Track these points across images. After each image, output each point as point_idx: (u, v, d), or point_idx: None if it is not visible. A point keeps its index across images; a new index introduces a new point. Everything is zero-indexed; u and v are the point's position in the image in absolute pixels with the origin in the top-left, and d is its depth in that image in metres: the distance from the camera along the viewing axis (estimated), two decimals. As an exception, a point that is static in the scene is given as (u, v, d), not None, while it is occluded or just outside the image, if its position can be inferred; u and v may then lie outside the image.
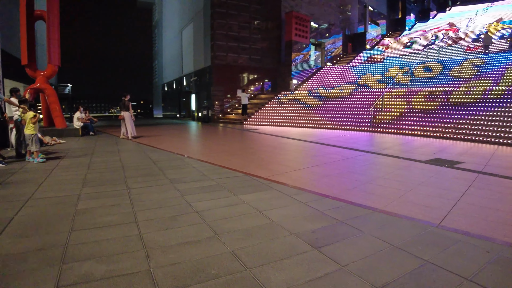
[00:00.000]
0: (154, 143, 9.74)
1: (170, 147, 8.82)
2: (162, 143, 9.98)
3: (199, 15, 22.03)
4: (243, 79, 21.59)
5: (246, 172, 5.59)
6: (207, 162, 6.44)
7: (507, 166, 7.25)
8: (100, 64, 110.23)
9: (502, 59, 16.69)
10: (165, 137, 12.44)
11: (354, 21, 30.18)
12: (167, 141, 10.76)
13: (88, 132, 12.28)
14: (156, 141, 10.78)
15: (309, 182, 5.14)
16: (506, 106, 11.90)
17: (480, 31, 24.74)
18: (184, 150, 8.36)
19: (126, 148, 8.68)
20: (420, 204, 4.15)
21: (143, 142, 9.88)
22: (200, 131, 15.57)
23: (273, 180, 5.08)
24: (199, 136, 12.90)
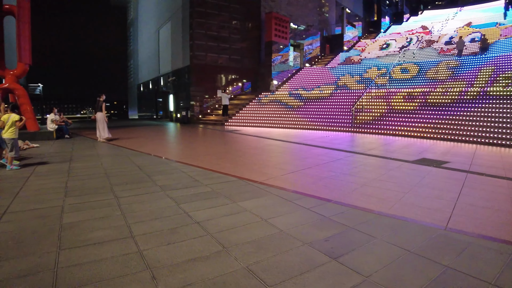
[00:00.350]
0: (135, 146, 9.26)
1: (153, 150, 8.39)
2: (144, 146, 9.52)
3: (178, 14, 21.45)
4: (223, 79, 21.26)
5: (239, 176, 5.35)
6: (196, 166, 6.13)
7: (490, 165, 7.46)
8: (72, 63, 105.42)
9: (474, 61, 17.45)
10: (146, 139, 11.92)
11: (332, 23, 30.62)
12: (149, 144, 10.29)
13: (63, 135, 11.51)
14: (137, 143, 10.27)
15: (306, 185, 4.97)
16: (481, 106, 12.39)
17: (452, 34, 25.83)
18: (169, 153, 7.98)
19: (107, 152, 8.16)
20: (422, 206, 4.10)
21: (123, 145, 9.35)
22: (181, 132, 15.10)
23: (270, 184, 4.88)
24: (181, 138, 12.47)
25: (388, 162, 7.28)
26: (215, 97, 20.93)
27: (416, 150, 9.30)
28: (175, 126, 18.63)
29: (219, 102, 20.78)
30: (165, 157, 7.25)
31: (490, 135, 10.78)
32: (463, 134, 11.34)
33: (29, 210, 3.54)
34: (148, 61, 29.34)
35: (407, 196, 4.53)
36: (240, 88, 22.52)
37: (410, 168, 6.64)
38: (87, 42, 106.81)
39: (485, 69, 16.05)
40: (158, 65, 25.72)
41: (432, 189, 5.00)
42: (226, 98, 19.20)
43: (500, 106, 11.97)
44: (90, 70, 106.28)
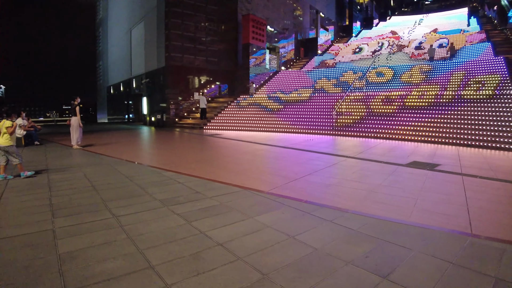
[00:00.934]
0: (115, 153, 8.56)
1: (137, 158, 7.78)
2: (125, 152, 8.85)
3: (152, 13, 20.58)
4: (200, 81, 20.69)
5: (242, 186, 4.99)
6: (192, 176, 5.68)
7: (478, 166, 7.67)
8: (36, 64, 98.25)
9: (446, 66, 18.26)
10: (124, 145, 11.16)
11: (306, 26, 30.96)
12: (130, 150, 9.61)
13: (32, 141, 10.41)
14: (116, 150, 9.54)
15: (316, 194, 4.73)
16: (457, 109, 12.89)
17: (421, 39, 27.01)
18: (155, 161, 7.43)
19: (86, 160, 7.44)
20: (438, 212, 4.03)
21: (102, 152, 8.61)
22: (159, 137, 14.38)
23: (278, 194, 4.58)
24: (162, 143, 11.81)
25: (383, 166, 7.24)
26: (192, 100, 20.31)
27: (402, 153, 9.41)
28: (150, 130, 17.78)
29: (195, 104, 20.18)
30: (152, 165, 6.71)
31: (467, 136, 11.20)
32: (442, 136, 11.70)
33: (14, 237, 2.93)
34: (119, 62, 27.93)
35: (419, 202, 4.42)
36: (217, 90, 22.04)
37: (407, 172, 6.62)
38: (53, 42, 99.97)
39: (456, 74, 16.83)
40: (130, 67, 24.55)
41: (439, 193, 4.96)
42: (204, 101, 18.64)
43: (474, 109, 12.52)
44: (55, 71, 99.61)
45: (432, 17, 41.83)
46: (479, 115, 12.09)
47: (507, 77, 14.71)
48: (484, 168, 7.57)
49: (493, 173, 6.83)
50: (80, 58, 79.55)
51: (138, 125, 21.93)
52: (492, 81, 14.87)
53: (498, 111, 11.95)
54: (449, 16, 38.88)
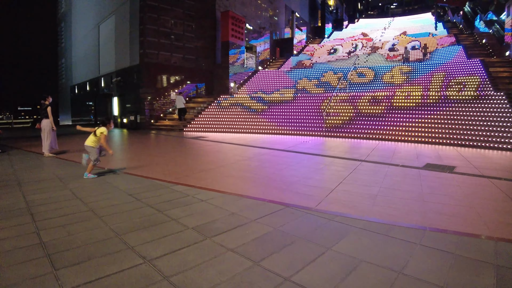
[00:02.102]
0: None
1: (127, 167, 6.61)
2: (109, 160, 7.58)
3: (124, 7, 18.85)
4: (177, 80, 19.37)
5: (279, 202, 4.14)
6: (210, 190, 4.70)
7: (494, 167, 7.43)
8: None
9: (425, 67, 18.56)
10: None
11: (281, 26, 30.57)
12: (113, 157, 8.31)
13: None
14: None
15: (368, 208, 4.02)
16: (445, 110, 12.94)
17: (393, 41, 27.63)
18: (152, 170, 6.31)
19: (67, 172, 6.11)
20: (499, 221, 3.52)
21: (80, 161, 7.27)
22: (139, 141, 13.00)
23: (329, 212, 3.80)
24: (147, 148, 10.52)
25: (404, 170, 6.74)
26: (169, 100, 18.95)
27: (409, 154, 9.06)
28: (124, 133, 16.20)
29: (172, 104, 18.84)
30: (152, 176, 5.61)
31: (459, 136, 11.20)
32: (434, 137, 11.65)
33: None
34: (85, 60, 25.46)
35: (481, 212, 3.90)
36: (195, 90, 20.82)
37: (435, 176, 6.16)
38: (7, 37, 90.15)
39: (437, 75, 17.13)
40: (98, 65, 22.43)
41: (488, 200, 4.49)
42: (182, 100, 17.46)
43: (462, 110, 12.64)
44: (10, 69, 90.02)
45: (399, 20, 43.41)
46: (468, 115, 12.20)
47: (486, 79, 15.13)
48: (498, 169, 7.36)
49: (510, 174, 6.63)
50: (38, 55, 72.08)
51: (108, 127, 20.09)
52: (473, 83, 15.23)
53: (486, 111, 12.12)
54: (416, 20, 40.55)
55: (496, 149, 10.24)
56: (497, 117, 11.56)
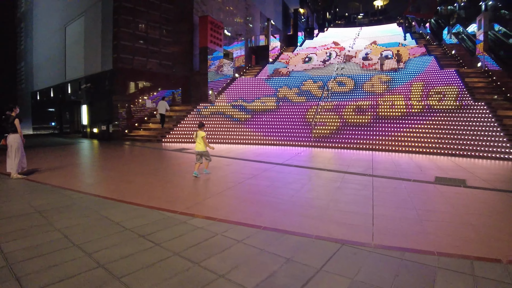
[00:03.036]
0: (79, 185, 6.22)
1: (117, 192, 5.65)
2: (92, 183, 6.54)
3: (96, 8, 17.37)
4: (153, 87, 18.19)
5: (329, 238, 3.54)
6: (237, 223, 3.97)
7: (500, 179, 7.40)
8: None
9: (403, 76, 19.00)
10: (80, 168, 8.56)
11: (257, 34, 30.28)
12: (95, 178, 7.24)
13: None
14: (77, 179, 7.08)
15: (416, 236, 3.54)
16: (432, 119, 13.13)
17: (365, 51, 28.30)
18: (151, 196, 5.42)
19: (47, 201, 5.00)
20: None
21: (59, 184, 6.15)
22: (117, 155, 11.79)
23: (387, 246, 3.27)
24: (130, 164, 9.41)
25: (420, 186, 6.51)
26: (145, 108, 17.73)
27: (410, 167, 8.92)
28: (96, 145, 14.77)
29: (148, 112, 17.64)
30: (155, 206, 4.74)
31: (450, 146, 11.32)
32: (424, 146, 11.71)
33: None
34: (49, 64, 23.15)
35: None
36: (170, 95, 19.69)
37: (454, 192, 5.97)
38: None
39: (416, 84, 17.56)
40: (64, 69, 20.47)
41: None
42: (165, 106, 16.59)
43: (449, 119, 12.88)
44: None
45: (367, 30, 44.93)
46: (454, 124, 12.45)
47: (464, 89, 15.70)
48: (504, 180, 7.35)
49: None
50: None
51: (76, 138, 18.34)
52: (451, 93, 15.74)
53: (470, 120, 12.44)
54: (383, 30, 42.17)
55: (485, 158, 10.43)
56: (482, 126, 11.89)
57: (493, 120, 12.02)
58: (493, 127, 11.69)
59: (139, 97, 17.37)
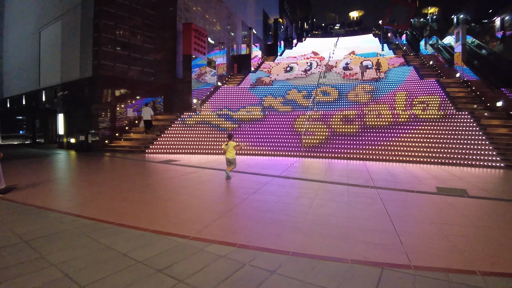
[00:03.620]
0: (66, 205, 5.60)
1: (113, 213, 5.14)
2: (81, 202, 5.92)
3: (75, 12, 16.46)
4: (134, 95, 17.46)
5: (366, 261, 3.27)
6: (264, 250, 3.61)
7: (502, 189, 7.49)
8: None
9: (386, 86, 19.41)
10: (65, 185, 7.82)
11: (238, 42, 30.16)
12: (84, 197, 6.60)
13: None
14: (63, 198, 6.44)
15: (447, 254, 3.33)
16: (420, 128, 13.38)
17: (345, 60, 28.82)
18: (152, 217, 4.95)
19: (36, 227, 4.39)
20: None
21: (44, 205, 5.50)
22: (101, 167, 11.03)
23: (420, 267, 3.05)
24: (114, 179, 8.75)
25: (427, 198, 6.48)
26: (127, 117, 16.94)
27: (408, 176, 8.95)
28: (74, 156, 13.85)
29: (130, 121, 16.84)
30: (162, 229, 4.29)
31: (440, 155, 11.55)
32: (414, 155, 11.87)
33: None
34: (20, 70, 21.59)
35: None
36: (151, 105, 18.97)
37: (462, 203, 5.95)
38: None
39: (399, 94, 17.97)
40: (38, 76, 19.18)
41: None
42: (149, 112, 16.09)
43: (435, 128, 13.17)
44: None
45: (344, 41, 46.03)
46: (441, 133, 12.74)
47: (446, 99, 16.22)
48: (506, 190, 7.47)
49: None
50: None
51: (52, 148, 17.16)
52: (435, 102, 16.20)
53: (456, 129, 12.80)
54: (360, 41, 43.34)
55: (473, 166, 10.70)
56: (467, 135, 12.24)
57: (477, 129, 12.41)
58: (478, 135, 12.05)
59: (120, 106, 16.57)
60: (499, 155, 10.93)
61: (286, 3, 46.57)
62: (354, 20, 73.97)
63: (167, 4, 18.86)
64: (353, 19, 74.03)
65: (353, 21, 74.13)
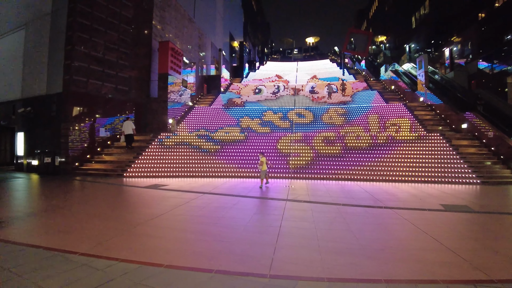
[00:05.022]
0: (41, 238, 4.82)
1: (109, 249, 4.53)
2: (65, 236, 5.14)
3: (42, 21, 14.97)
4: (108, 113, 16.25)
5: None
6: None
7: (492, 203, 8.13)
8: None
9: (357, 109, 20.51)
10: (43, 218, 6.74)
11: (208, 63, 30.06)
12: (67, 229, 5.73)
13: None
14: (40, 230, 5.53)
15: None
16: (400, 149, 14.18)
17: (310, 84, 30.05)
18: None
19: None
20: None
21: (13, 238, 4.68)
22: (79, 195, 9.81)
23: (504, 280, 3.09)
24: (106, 209, 7.80)
25: (444, 215, 6.89)
26: (100, 138, 15.59)
27: (406, 196, 9.37)
28: (39, 181, 12.23)
29: (105, 143, 15.44)
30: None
31: (423, 173, 12.36)
32: (400, 175, 12.58)
33: None
34: None
35: None
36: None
37: (477, 222, 6.23)
38: None
39: (372, 116, 19.07)
40: (-7, 89, 16.98)
41: None
42: (131, 126, 15.45)
43: (413, 149, 14.10)
44: None
45: (304, 65, 48.22)
46: (419, 153, 13.68)
47: (416, 121, 17.58)
48: (501, 204, 8.14)
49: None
50: None
51: (7, 171, 14.98)
52: (406, 124, 17.46)
53: (432, 149, 13.89)
54: (321, 66, 45.65)
55: (454, 183, 11.66)
56: (443, 155, 13.33)
57: (451, 149, 13.57)
58: (453, 155, 13.18)
59: (92, 125, 15.23)
60: (474, 172, 12.00)
61: (249, 27, 47.92)
62: (310, 45, 78.45)
63: (143, 21, 18.23)
64: (309, 44, 78.48)
65: (309, 46, 78.57)
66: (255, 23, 53.61)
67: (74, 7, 14.11)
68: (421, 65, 19.97)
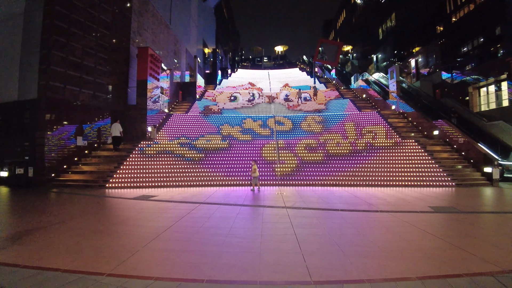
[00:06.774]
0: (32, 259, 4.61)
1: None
2: (84, 259, 4.93)
3: (14, 22, 13.87)
4: (85, 121, 15.49)
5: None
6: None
7: (484, 204, 8.87)
8: None
9: (333, 117, 21.30)
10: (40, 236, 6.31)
11: (183, 69, 29.70)
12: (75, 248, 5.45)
13: None
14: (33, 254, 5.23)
15: None
16: (379, 155, 14.97)
17: (284, 92, 30.70)
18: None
19: None
20: None
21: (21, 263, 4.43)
22: (68, 211, 9.23)
23: None
24: (119, 224, 7.51)
25: (438, 217, 7.32)
26: (76, 146, 14.79)
27: (394, 200, 9.88)
28: (11, 195, 11.33)
29: (82, 152, 14.64)
30: None
31: (402, 178, 13.17)
32: (382, 180, 13.30)
33: None
34: None
35: None
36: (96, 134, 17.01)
37: (470, 223, 6.81)
38: None
39: (348, 124, 19.92)
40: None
41: None
42: (118, 128, 15.38)
43: (391, 155, 14.96)
44: None
45: (274, 73, 49.17)
46: (397, 159, 14.56)
47: (390, 128, 18.63)
48: (486, 204, 8.92)
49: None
50: None
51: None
52: (381, 131, 18.44)
53: (409, 154, 14.82)
54: (290, 74, 46.80)
55: (432, 187, 12.59)
56: (420, 160, 14.33)
57: (426, 155, 14.59)
58: (428, 160, 14.18)
59: (69, 133, 14.43)
60: (449, 175, 13.00)
61: (220, 34, 48.05)
62: (279, 54, 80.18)
63: (121, 26, 17.70)
64: (278, 53, 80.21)
65: (278, 55, 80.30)
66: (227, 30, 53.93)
67: (50, 9, 13.39)
68: (393, 75, 21.28)
